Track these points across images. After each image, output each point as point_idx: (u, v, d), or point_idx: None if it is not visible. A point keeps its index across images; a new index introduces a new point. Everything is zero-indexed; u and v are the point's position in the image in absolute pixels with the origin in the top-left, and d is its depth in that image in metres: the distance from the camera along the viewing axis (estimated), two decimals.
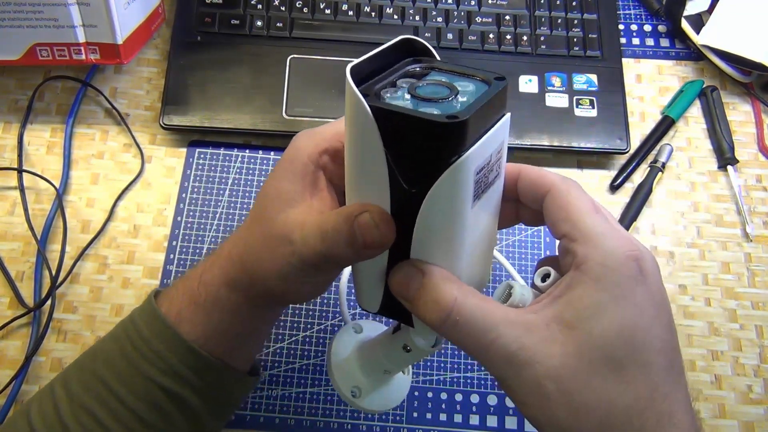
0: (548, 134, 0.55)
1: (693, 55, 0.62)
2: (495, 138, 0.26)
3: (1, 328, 0.48)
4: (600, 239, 0.26)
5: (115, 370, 0.33)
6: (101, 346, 0.36)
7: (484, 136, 0.25)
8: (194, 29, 0.57)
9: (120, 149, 0.55)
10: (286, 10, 0.58)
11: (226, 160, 0.55)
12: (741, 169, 0.57)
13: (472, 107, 0.24)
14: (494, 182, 0.28)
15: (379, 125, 0.24)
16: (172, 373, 0.33)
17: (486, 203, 0.28)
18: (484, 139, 0.25)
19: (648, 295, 0.26)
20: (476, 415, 0.48)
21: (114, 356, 0.34)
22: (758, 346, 0.51)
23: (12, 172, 0.53)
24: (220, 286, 0.33)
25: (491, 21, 0.59)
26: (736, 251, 0.54)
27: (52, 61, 0.51)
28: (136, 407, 0.33)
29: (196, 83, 0.55)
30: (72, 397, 0.33)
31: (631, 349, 0.25)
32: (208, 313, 0.33)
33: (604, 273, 0.26)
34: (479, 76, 0.27)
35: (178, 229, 0.52)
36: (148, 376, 0.33)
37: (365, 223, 0.27)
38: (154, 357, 0.33)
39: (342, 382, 0.37)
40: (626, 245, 0.26)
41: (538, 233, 0.54)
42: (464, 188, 0.25)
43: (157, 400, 0.33)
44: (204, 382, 0.34)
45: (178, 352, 0.33)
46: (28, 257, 0.51)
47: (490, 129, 0.25)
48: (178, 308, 0.34)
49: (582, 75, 0.58)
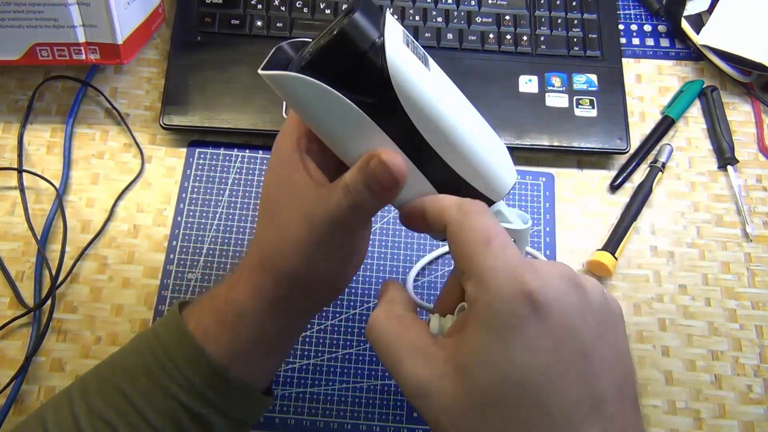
0: (548, 134, 0.55)
1: (693, 55, 0.62)
2: (394, 24, 0.29)
3: (1, 328, 0.48)
4: (488, 278, 0.25)
5: (138, 385, 0.33)
6: (122, 359, 0.36)
7: (384, 23, 0.28)
8: (194, 29, 0.57)
9: (120, 149, 0.55)
10: (286, 10, 0.58)
11: (226, 160, 0.55)
12: (741, 169, 0.57)
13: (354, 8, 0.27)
14: (429, 58, 0.30)
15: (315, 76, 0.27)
16: (195, 393, 0.33)
17: (440, 74, 0.31)
18: (386, 23, 0.28)
19: (544, 331, 0.24)
20: None
21: (137, 372, 0.34)
22: (758, 346, 0.51)
23: (12, 172, 0.53)
24: (245, 299, 0.33)
25: (491, 21, 0.59)
26: (736, 251, 0.54)
27: (52, 61, 0.51)
28: (157, 424, 0.33)
29: (196, 83, 0.55)
30: (92, 409, 0.33)
31: (520, 393, 0.24)
32: (235, 331, 0.33)
33: (491, 315, 0.24)
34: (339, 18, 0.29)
35: (178, 229, 0.52)
36: (172, 394, 0.33)
37: (374, 167, 0.28)
38: (179, 376, 0.33)
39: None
40: (519, 277, 0.24)
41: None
42: (407, 57, 0.28)
43: (179, 417, 0.33)
44: (226, 403, 0.34)
45: (203, 373, 0.33)
46: (28, 257, 0.51)
47: (385, 20, 0.28)
48: (205, 327, 0.34)
49: (582, 75, 0.58)
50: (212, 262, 0.51)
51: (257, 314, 0.33)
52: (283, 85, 0.28)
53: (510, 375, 0.24)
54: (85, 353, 0.48)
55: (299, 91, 0.28)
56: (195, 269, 0.51)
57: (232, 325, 0.33)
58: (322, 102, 0.28)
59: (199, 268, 0.51)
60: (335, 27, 0.28)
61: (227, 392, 0.34)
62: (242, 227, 0.53)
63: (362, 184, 0.29)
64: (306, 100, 0.28)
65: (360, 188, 0.29)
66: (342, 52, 0.27)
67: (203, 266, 0.51)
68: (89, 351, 0.48)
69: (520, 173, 0.56)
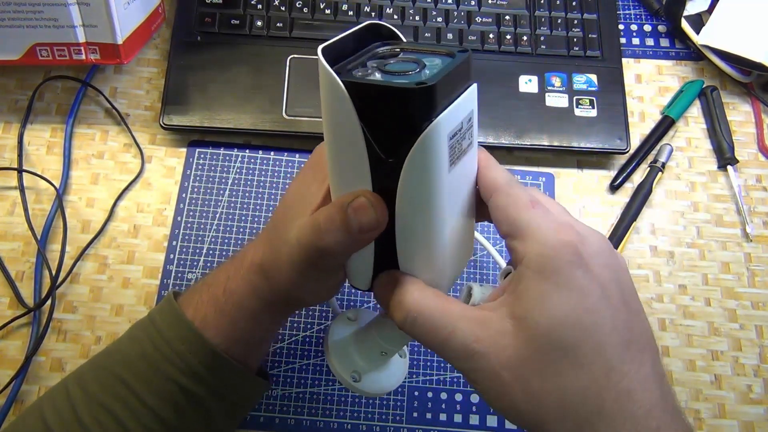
0: (548, 134, 0.55)
1: (693, 55, 0.62)
2: (464, 105, 0.27)
3: (1, 328, 0.48)
4: (535, 232, 0.27)
5: (135, 370, 0.34)
6: (118, 347, 0.36)
7: (453, 102, 0.26)
8: (194, 29, 0.57)
9: (120, 149, 0.55)
10: (286, 10, 0.58)
11: (226, 160, 0.55)
12: (741, 169, 0.57)
13: (439, 75, 0.25)
14: (468, 151, 0.29)
15: (353, 99, 0.25)
16: (192, 374, 0.34)
17: (462, 171, 0.29)
18: (453, 106, 0.26)
19: (591, 277, 0.26)
20: (476, 415, 0.48)
21: (133, 357, 0.35)
22: (758, 346, 0.51)
23: (12, 172, 0.53)
24: (243, 295, 0.34)
25: (491, 21, 0.59)
26: (736, 251, 0.54)
27: (52, 61, 0.51)
28: (156, 406, 0.33)
29: (196, 83, 0.55)
30: (89, 396, 0.33)
31: (579, 333, 0.26)
32: (233, 320, 0.35)
33: (543, 263, 0.26)
34: (443, 51, 0.28)
35: (178, 229, 0.52)
36: (169, 376, 0.33)
37: (360, 205, 0.28)
38: (176, 358, 0.34)
39: (341, 368, 0.38)
40: (563, 233, 0.27)
41: None
42: (439, 152, 0.26)
43: (177, 400, 0.34)
44: (224, 385, 0.35)
45: (200, 354, 0.34)
46: (28, 257, 0.51)
47: (459, 97, 0.27)
48: (203, 315, 0.35)
49: (582, 75, 0.58)
50: (212, 262, 0.51)
51: (254, 310, 0.35)
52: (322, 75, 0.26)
53: (569, 316, 0.26)
54: (85, 353, 0.48)
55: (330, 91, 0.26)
56: (195, 269, 0.51)
57: (230, 314, 0.34)
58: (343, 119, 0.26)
59: (199, 268, 0.51)
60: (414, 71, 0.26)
61: (225, 374, 0.35)
62: (242, 227, 0.53)
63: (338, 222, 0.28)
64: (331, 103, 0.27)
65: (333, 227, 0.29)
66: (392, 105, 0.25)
67: (203, 266, 0.51)
68: (89, 351, 0.48)
69: (521, 173, 0.56)
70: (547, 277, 0.26)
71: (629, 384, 0.25)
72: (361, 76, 0.27)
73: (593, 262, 0.27)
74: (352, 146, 0.27)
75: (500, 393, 0.27)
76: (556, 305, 0.26)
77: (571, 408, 0.25)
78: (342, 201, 0.28)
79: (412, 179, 0.27)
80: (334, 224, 0.29)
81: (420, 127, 0.25)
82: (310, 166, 0.34)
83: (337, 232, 0.29)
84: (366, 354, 0.38)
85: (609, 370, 0.25)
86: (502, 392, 0.26)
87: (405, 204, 0.28)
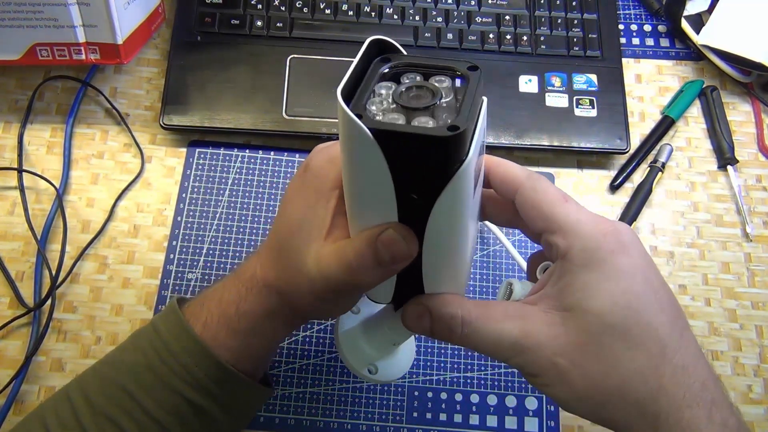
0: (548, 134, 0.55)
1: (693, 55, 0.62)
2: (482, 127, 0.27)
3: (1, 328, 0.48)
4: (576, 226, 0.28)
5: (141, 382, 0.34)
6: (122, 356, 0.36)
7: (476, 131, 0.25)
8: (194, 29, 0.57)
9: (120, 149, 0.55)
10: (286, 10, 0.58)
11: (226, 160, 0.55)
12: (741, 169, 0.57)
13: (467, 112, 0.24)
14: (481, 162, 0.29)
15: (381, 145, 0.24)
16: (199, 387, 0.33)
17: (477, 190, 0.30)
18: (477, 135, 0.25)
19: (633, 263, 0.28)
20: (476, 415, 0.48)
21: (139, 368, 0.34)
22: (758, 346, 0.51)
23: (12, 172, 0.53)
24: (260, 317, 0.34)
25: (491, 21, 0.59)
26: (736, 251, 0.54)
27: (52, 61, 0.51)
28: (162, 418, 0.33)
29: (196, 83, 0.55)
30: (94, 407, 0.33)
31: (631, 314, 0.27)
32: (246, 340, 0.34)
33: (588, 256, 0.28)
34: (449, 67, 0.28)
35: (178, 229, 0.52)
36: (176, 389, 0.33)
37: (390, 239, 0.27)
38: (183, 371, 0.33)
39: (356, 363, 0.38)
40: (601, 225, 0.28)
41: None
42: (468, 187, 0.26)
43: (183, 412, 0.33)
44: (230, 397, 0.35)
45: (206, 367, 0.33)
46: (28, 257, 0.51)
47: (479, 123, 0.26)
48: (214, 333, 0.34)
49: (582, 75, 0.58)
50: (212, 262, 0.51)
51: (271, 330, 0.35)
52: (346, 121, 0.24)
53: (618, 302, 0.27)
54: (85, 353, 0.48)
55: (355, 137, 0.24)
56: (195, 269, 0.51)
57: (244, 334, 0.34)
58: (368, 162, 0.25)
59: (199, 268, 0.51)
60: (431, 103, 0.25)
61: (232, 387, 0.34)
62: (242, 227, 0.53)
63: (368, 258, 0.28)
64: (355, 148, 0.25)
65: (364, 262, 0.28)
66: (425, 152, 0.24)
67: (203, 266, 0.51)
68: (89, 351, 0.48)
69: None
70: (593, 268, 0.27)
71: (683, 359, 0.27)
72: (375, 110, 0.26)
73: (632, 250, 0.28)
74: (377, 186, 0.26)
75: (559, 380, 0.27)
76: (606, 293, 0.27)
77: (631, 387, 0.27)
78: (370, 235, 0.28)
79: (443, 212, 0.26)
80: (365, 260, 0.28)
81: (453, 169, 0.24)
82: (311, 180, 0.32)
83: (369, 268, 0.28)
84: (377, 345, 0.39)
85: (663, 347, 0.27)
86: (560, 380, 0.27)
87: (435, 233, 0.27)
